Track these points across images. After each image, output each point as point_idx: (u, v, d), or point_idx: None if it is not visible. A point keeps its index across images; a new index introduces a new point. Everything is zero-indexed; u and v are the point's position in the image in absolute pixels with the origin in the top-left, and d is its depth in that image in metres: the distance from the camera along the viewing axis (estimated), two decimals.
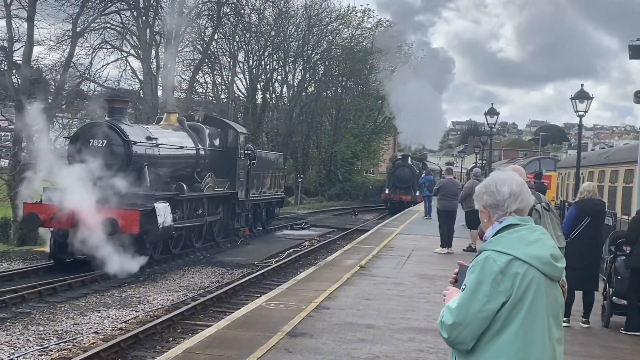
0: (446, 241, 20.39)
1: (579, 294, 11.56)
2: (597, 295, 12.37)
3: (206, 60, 47.81)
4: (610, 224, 15.88)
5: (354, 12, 62.90)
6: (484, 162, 57.21)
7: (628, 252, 11.41)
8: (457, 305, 3.33)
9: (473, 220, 19.04)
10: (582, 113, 23.93)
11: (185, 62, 46.22)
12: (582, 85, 24.06)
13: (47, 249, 22.23)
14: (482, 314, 3.28)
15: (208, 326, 13.32)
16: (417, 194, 48.09)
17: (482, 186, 3.70)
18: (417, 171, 50.79)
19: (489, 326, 3.31)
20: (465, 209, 20.06)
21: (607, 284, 11.91)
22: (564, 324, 11.21)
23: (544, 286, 3.33)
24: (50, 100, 34.89)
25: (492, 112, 36.91)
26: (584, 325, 11.53)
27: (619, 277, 11.48)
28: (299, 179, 53.08)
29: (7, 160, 34.25)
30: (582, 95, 23.69)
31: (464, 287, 3.38)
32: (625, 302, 11.41)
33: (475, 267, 3.37)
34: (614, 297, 11.61)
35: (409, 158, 54.18)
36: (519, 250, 3.34)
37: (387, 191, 51.53)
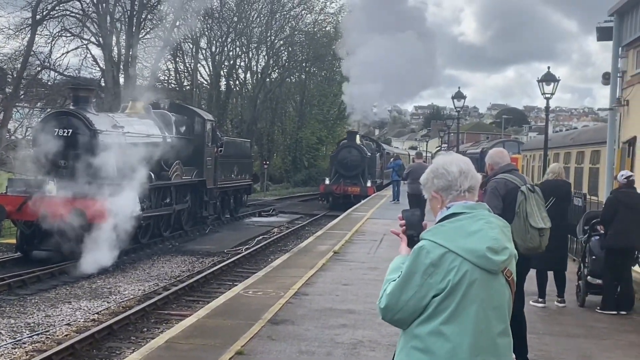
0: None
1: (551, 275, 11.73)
2: (571, 276, 12.54)
3: (168, 47, 47.47)
4: (580, 205, 16.04)
5: None
6: (449, 145, 57.43)
7: (602, 232, 11.54)
8: (390, 291, 3.34)
9: None
10: (548, 95, 24.20)
11: (147, 49, 45.83)
12: (548, 67, 24.34)
13: (14, 240, 22.00)
14: (413, 301, 3.29)
15: (182, 315, 13.32)
16: (368, 184, 39.60)
17: (429, 172, 3.63)
18: (369, 154, 41.56)
19: (422, 312, 3.32)
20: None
21: (582, 264, 12.05)
22: (538, 304, 11.39)
23: (479, 279, 3.28)
24: (9, 90, 34.47)
25: (459, 95, 37.22)
26: (560, 305, 11.65)
27: (593, 257, 11.60)
28: (265, 166, 52.93)
29: None
30: (549, 78, 23.94)
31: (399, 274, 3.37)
32: (600, 281, 11.54)
33: (411, 256, 3.36)
34: (588, 277, 11.73)
35: (357, 137, 42.36)
36: (454, 242, 3.30)
37: (327, 181, 40.28)
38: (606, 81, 17.86)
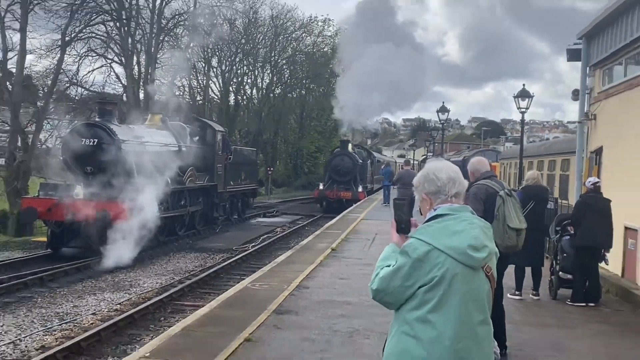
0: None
1: (528, 270, 11.73)
2: (545, 271, 12.54)
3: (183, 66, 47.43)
4: (552, 208, 16.03)
5: (315, 22, 62.94)
6: (434, 154, 57.39)
7: (572, 232, 11.57)
8: (382, 276, 3.38)
9: None
10: (523, 109, 24.28)
11: (164, 67, 45.80)
12: (523, 85, 24.50)
13: (45, 238, 22.00)
14: (401, 289, 3.33)
15: (196, 306, 13.29)
16: (360, 189, 38.57)
17: (421, 176, 3.65)
18: (360, 161, 40.64)
19: (408, 300, 3.35)
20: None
21: (554, 261, 12.08)
22: (515, 297, 11.39)
23: (461, 274, 3.31)
24: (41, 104, 34.42)
25: (443, 109, 37.33)
26: (535, 297, 11.67)
27: (564, 255, 11.65)
28: (269, 172, 52.89)
29: (3, 159, 33.68)
30: (524, 94, 24.05)
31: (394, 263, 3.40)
32: (570, 276, 11.58)
33: (401, 251, 3.39)
34: (560, 273, 11.76)
35: (350, 145, 41.70)
36: (439, 240, 3.32)
37: (321, 186, 38.93)
38: (575, 97, 17.88)
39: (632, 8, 13.69)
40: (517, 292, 11.63)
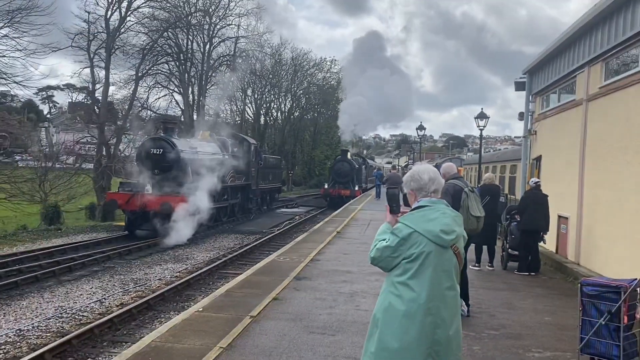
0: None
1: (485, 248, 11.70)
2: (498, 249, 12.50)
3: (225, 95, 47.51)
4: (503, 201, 15.97)
5: (325, 62, 62.81)
6: (414, 161, 57.19)
7: (518, 219, 11.52)
8: (378, 247, 3.42)
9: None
10: (482, 127, 24.15)
11: (211, 96, 45.89)
12: (482, 108, 24.47)
13: (123, 223, 22.08)
14: (389, 259, 3.38)
15: (235, 274, 13.29)
16: (356, 188, 37.36)
17: (409, 176, 3.69)
18: (357, 166, 39.57)
19: (395, 268, 3.39)
20: (404, 192, 20.03)
21: (505, 241, 12.02)
22: (475, 268, 11.34)
23: (434, 251, 3.33)
24: (120, 123, 34.54)
25: (421, 127, 37.27)
26: (489, 268, 11.62)
27: (512, 236, 11.60)
28: (290, 174, 52.90)
29: (92, 164, 33.85)
30: (482, 115, 23.92)
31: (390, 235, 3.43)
32: (517, 253, 11.55)
33: (392, 232, 3.43)
34: (509, 250, 11.73)
35: (348, 153, 40.73)
36: (418, 225, 3.36)
37: (326, 186, 38.34)
38: (521, 118, 17.80)
39: (563, 52, 13.67)
40: (476, 264, 11.59)
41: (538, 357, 6.24)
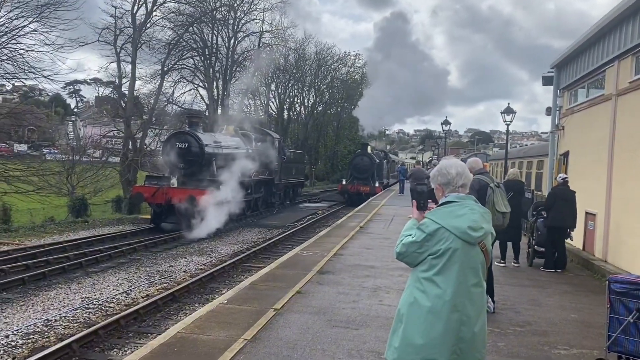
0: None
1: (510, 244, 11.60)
2: (524, 245, 12.38)
3: (249, 89, 47.69)
4: (530, 197, 15.78)
5: (349, 56, 62.60)
6: (438, 156, 56.72)
7: (545, 216, 11.39)
8: (403, 243, 3.38)
9: (434, 196, 18.90)
10: (508, 122, 23.87)
11: (235, 90, 46.10)
12: (508, 103, 24.09)
13: (149, 216, 22.33)
14: (415, 254, 3.33)
15: (259, 267, 13.36)
16: (377, 184, 34.79)
17: (436, 170, 3.63)
18: (378, 161, 36.63)
19: (420, 264, 3.34)
20: (428, 188, 19.80)
21: (531, 237, 11.90)
22: (501, 264, 11.24)
23: (460, 247, 3.28)
24: (146, 117, 34.93)
25: (446, 122, 36.94)
26: (515, 265, 11.51)
27: (539, 233, 11.49)
28: (313, 169, 52.91)
29: (118, 158, 34.32)
30: (509, 110, 23.62)
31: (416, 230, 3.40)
32: (543, 249, 11.42)
33: (419, 227, 3.39)
34: (535, 246, 11.61)
35: (369, 147, 37.51)
36: (445, 221, 3.31)
37: (344, 181, 35.60)
38: (548, 113, 17.56)
39: (592, 46, 13.44)
40: (502, 261, 11.49)
41: (564, 354, 6.17)
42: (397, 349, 3.34)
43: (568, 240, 11.43)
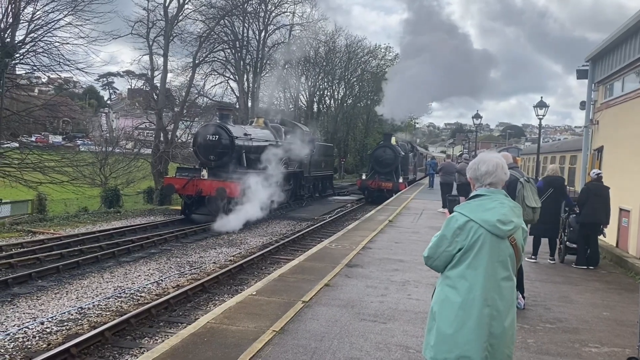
0: (446, 204, 20.00)
1: (544, 240, 11.41)
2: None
3: (280, 82, 47.85)
4: (570, 201, 15.54)
5: (379, 49, 62.26)
6: (469, 150, 56.13)
7: (578, 212, 11.19)
8: (431, 245, 3.38)
9: (464, 191, 18.74)
10: (541, 116, 23.50)
11: (266, 83, 46.29)
12: (541, 97, 23.75)
13: (179, 207, 22.62)
14: (445, 253, 3.31)
15: (288, 259, 13.44)
16: (400, 180, 31.02)
17: (471, 164, 3.62)
18: (403, 153, 33.05)
19: (450, 260, 3.32)
20: (458, 182, 19.62)
21: (563, 233, 11.70)
22: (532, 260, 11.09)
23: (489, 240, 3.25)
24: (177, 109, 35.34)
25: (477, 116, 36.49)
26: (550, 262, 11.33)
27: (571, 229, 11.31)
28: (342, 162, 52.86)
29: (150, 149, 34.80)
30: (541, 104, 23.27)
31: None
32: (575, 245, 11.24)
33: (445, 222, 3.38)
34: (567, 242, 11.42)
35: (393, 138, 33.30)
36: (475, 214, 3.28)
37: (363, 176, 32.13)
38: (582, 107, 17.20)
39: (629, 39, 13.11)
40: (533, 257, 11.34)
41: (595, 352, 6.09)
42: (432, 347, 3.33)
43: (601, 237, 11.22)
